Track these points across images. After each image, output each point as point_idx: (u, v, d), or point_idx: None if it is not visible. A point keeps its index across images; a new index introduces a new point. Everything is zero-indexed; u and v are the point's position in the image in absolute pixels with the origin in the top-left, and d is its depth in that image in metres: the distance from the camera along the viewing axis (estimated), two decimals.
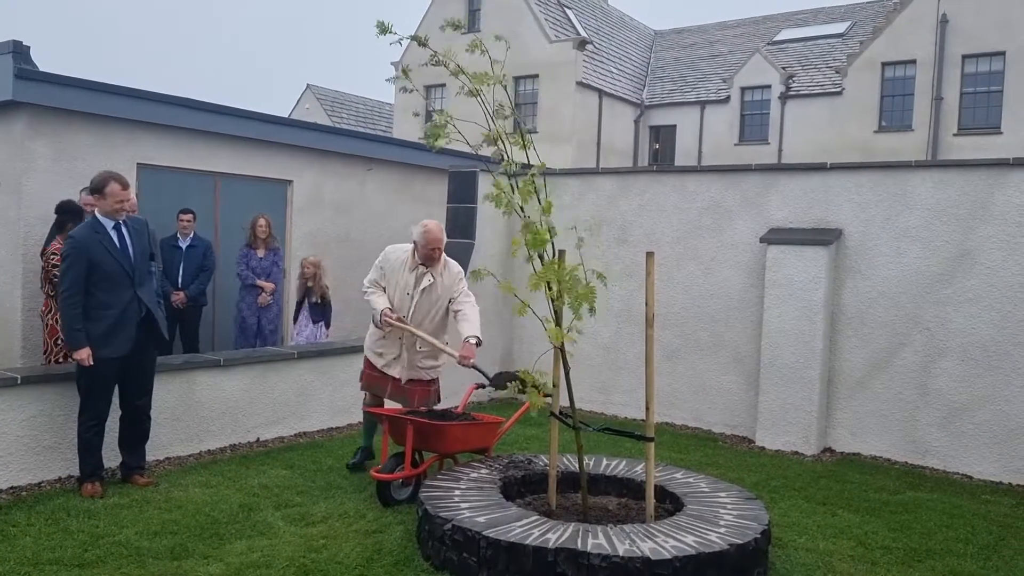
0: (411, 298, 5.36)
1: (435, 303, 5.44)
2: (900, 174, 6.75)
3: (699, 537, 3.92)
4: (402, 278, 5.39)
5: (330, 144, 9.98)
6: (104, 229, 5.07)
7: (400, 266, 5.42)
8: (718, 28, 31.33)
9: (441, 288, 5.43)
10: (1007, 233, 6.28)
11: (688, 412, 7.79)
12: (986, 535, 4.98)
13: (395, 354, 5.47)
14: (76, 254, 4.95)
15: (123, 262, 5.07)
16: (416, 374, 5.53)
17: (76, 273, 4.93)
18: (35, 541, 4.28)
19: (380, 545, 4.38)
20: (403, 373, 5.48)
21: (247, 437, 6.44)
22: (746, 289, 7.41)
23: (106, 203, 5.07)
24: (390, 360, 5.48)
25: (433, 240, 5.32)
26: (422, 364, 5.51)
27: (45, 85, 7.16)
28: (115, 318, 5.03)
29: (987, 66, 21.68)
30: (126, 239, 5.13)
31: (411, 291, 5.37)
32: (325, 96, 34.12)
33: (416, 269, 5.39)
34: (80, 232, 5.10)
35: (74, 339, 4.93)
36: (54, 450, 5.26)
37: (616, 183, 8.24)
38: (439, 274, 5.42)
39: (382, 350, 5.52)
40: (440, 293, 5.43)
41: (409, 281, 5.38)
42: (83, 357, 4.92)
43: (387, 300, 5.42)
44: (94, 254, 4.97)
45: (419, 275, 5.39)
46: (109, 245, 5.04)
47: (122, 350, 5.06)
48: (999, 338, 6.29)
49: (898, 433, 6.71)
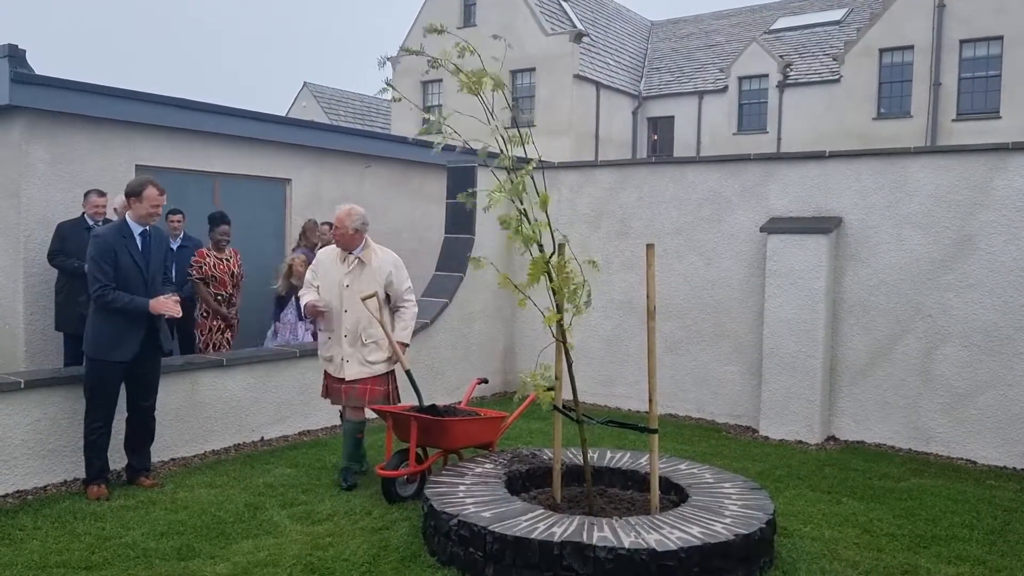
0: (342, 287, 5.32)
1: (370, 288, 5.31)
2: (899, 161, 6.74)
3: (704, 528, 3.92)
4: (334, 271, 5.38)
5: (328, 142, 9.98)
6: (131, 233, 5.15)
7: (331, 262, 5.42)
8: (714, 18, 31.25)
9: (375, 272, 5.34)
10: (1007, 218, 6.27)
11: (691, 403, 7.80)
12: (991, 520, 4.98)
13: (340, 353, 5.34)
14: (103, 252, 5.01)
15: (142, 268, 5.13)
16: (366, 371, 5.34)
17: (107, 267, 5.00)
18: (42, 544, 4.29)
19: (386, 542, 4.39)
20: (353, 372, 5.32)
21: (251, 436, 6.46)
22: (747, 279, 7.41)
23: (142, 207, 5.13)
24: (338, 362, 5.34)
25: (336, 223, 5.30)
26: (370, 359, 5.35)
27: (42, 89, 7.15)
28: (124, 322, 5.07)
29: (985, 51, 21.63)
30: (149, 247, 5.21)
31: (343, 280, 5.34)
32: (322, 94, 34.08)
33: (345, 260, 5.36)
34: (107, 231, 5.19)
35: (139, 304, 5.03)
36: (59, 453, 5.27)
37: (615, 176, 8.23)
38: (367, 259, 5.36)
39: (329, 353, 5.41)
40: (373, 279, 5.33)
41: (341, 272, 5.35)
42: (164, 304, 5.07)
43: (316, 294, 5.42)
44: (118, 255, 5.04)
45: (348, 262, 5.36)
46: (132, 249, 5.12)
47: (127, 355, 5.09)
48: (1001, 323, 6.28)
49: (901, 420, 6.71)
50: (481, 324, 8.53)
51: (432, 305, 8.11)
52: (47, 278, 7.17)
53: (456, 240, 8.53)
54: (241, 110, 8.98)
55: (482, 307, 8.54)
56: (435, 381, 7.86)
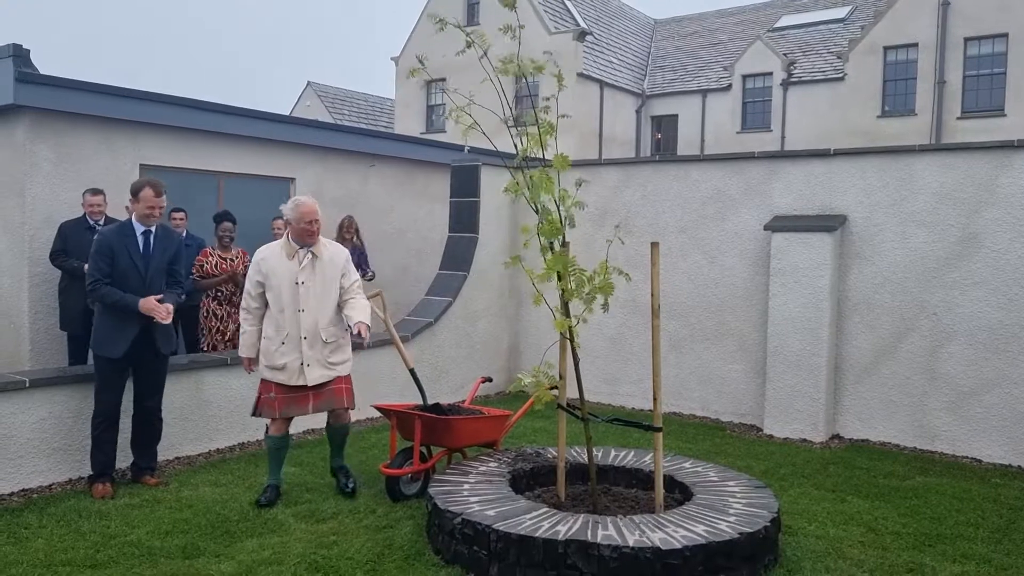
0: (299, 286, 4.92)
1: (327, 283, 5.00)
2: (904, 159, 6.72)
3: (709, 526, 3.92)
4: (283, 270, 4.94)
5: (332, 141, 9.98)
6: (133, 233, 5.17)
7: (278, 260, 4.97)
8: (718, 16, 31.22)
9: (329, 265, 5.02)
10: (1013, 216, 6.25)
11: (695, 401, 7.79)
12: (996, 519, 4.97)
13: (298, 358, 4.93)
14: (100, 249, 5.07)
15: (140, 268, 5.13)
16: (330, 373, 5.02)
17: (102, 264, 5.04)
18: (47, 543, 4.30)
19: (390, 540, 4.39)
20: (316, 376, 4.96)
21: (256, 435, 6.46)
22: (751, 277, 7.40)
23: (139, 207, 5.17)
24: (295, 368, 4.92)
25: (309, 212, 4.91)
26: (331, 359, 5.03)
27: (46, 88, 7.16)
28: (117, 319, 5.08)
29: (989, 48, 21.56)
30: (151, 247, 5.22)
31: (297, 278, 4.93)
32: (326, 93, 34.10)
33: (296, 254, 4.97)
34: (109, 230, 5.24)
35: (129, 301, 5.01)
36: (64, 452, 5.29)
37: (619, 174, 8.22)
38: (321, 251, 5.03)
39: (284, 361, 4.92)
40: (328, 272, 5.01)
41: (292, 268, 4.94)
42: (151, 306, 5.02)
43: (254, 339, 5.04)
44: (116, 253, 5.07)
45: (300, 257, 4.96)
46: (132, 249, 5.13)
47: (119, 352, 5.08)
48: (1006, 321, 6.27)
49: (906, 418, 6.70)
50: (485, 323, 8.52)
51: (436, 304, 8.11)
52: (51, 277, 7.19)
53: (460, 239, 8.53)
54: (245, 109, 8.99)
55: (486, 306, 8.54)
56: (439, 380, 7.87)
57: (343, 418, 5.16)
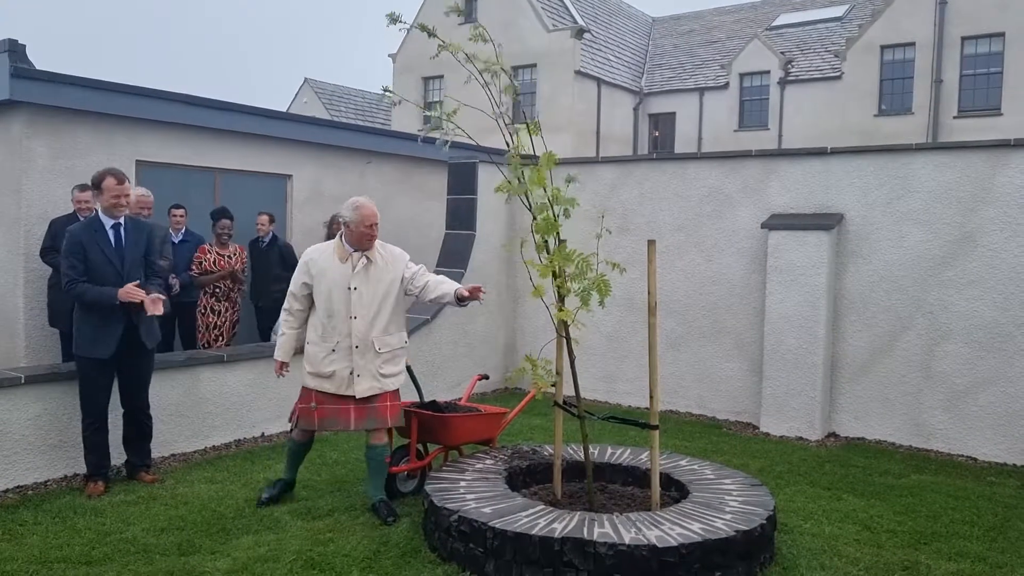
0: (352, 292, 4.63)
1: (382, 291, 4.71)
2: (901, 157, 6.73)
3: (705, 524, 3.92)
4: (335, 273, 4.65)
5: (329, 138, 9.97)
6: (102, 227, 5.06)
7: (328, 262, 4.69)
8: (715, 14, 31.21)
9: (384, 271, 4.73)
10: (1008, 215, 6.26)
11: (692, 399, 7.80)
12: (991, 517, 4.98)
13: (348, 367, 4.65)
14: (71, 246, 4.96)
15: (115, 262, 5.02)
16: (378, 385, 4.71)
17: (75, 262, 4.94)
18: (42, 540, 4.29)
19: (387, 537, 4.39)
20: (365, 387, 4.68)
21: (251, 432, 6.46)
22: (748, 275, 7.41)
23: (103, 198, 5.05)
24: (344, 377, 4.65)
25: (370, 215, 4.63)
26: (384, 371, 4.74)
27: (42, 84, 7.14)
28: (101, 318, 4.98)
29: (986, 47, 21.59)
30: (122, 240, 5.09)
31: (350, 283, 4.64)
32: (323, 90, 34.05)
33: (349, 258, 4.68)
34: (77, 226, 5.13)
35: (107, 294, 4.91)
36: (59, 449, 5.27)
37: (616, 172, 8.22)
38: (376, 255, 4.74)
39: (331, 369, 4.65)
40: (384, 277, 4.72)
41: (346, 274, 4.65)
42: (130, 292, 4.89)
43: (292, 343, 4.84)
44: (88, 250, 4.97)
45: (354, 261, 4.67)
46: (104, 244, 5.02)
47: (108, 351, 5.00)
48: (1002, 320, 6.28)
49: (902, 417, 6.71)
50: (482, 320, 8.52)
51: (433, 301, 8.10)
52: (46, 274, 7.17)
53: (457, 236, 8.53)
54: (242, 106, 8.98)
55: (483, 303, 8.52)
56: (436, 377, 7.86)
57: (380, 438, 4.78)
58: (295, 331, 4.85)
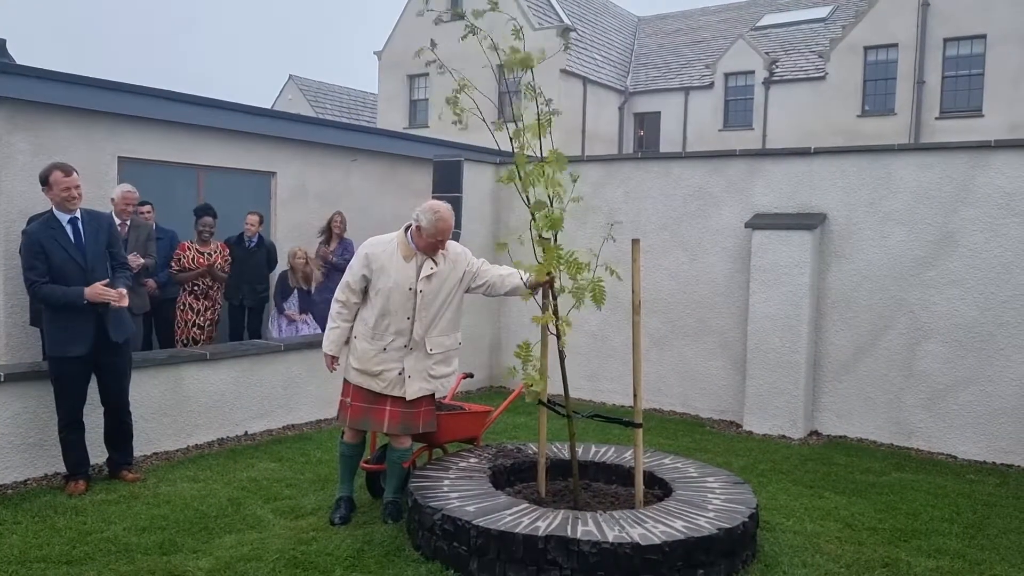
0: (415, 294, 4.43)
1: (445, 295, 4.54)
2: (883, 158, 6.78)
3: (688, 522, 3.94)
4: (398, 273, 4.43)
5: (314, 135, 9.91)
6: (59, 224, 4.94)
7: (390, 260, 4.45)
8: (701, 14, 31.33)
9: (450, 273, 4.54)
10: (989, 215, 6.32)
11: (676, 398, 7.83)
12: (971, 514, 5.04)
13: (398, 367, 4.48)
14: (30, 247, 4.85)
15: (77, 259, 4.92)
16: (428, 387, 4.56)
17: (36, 263, 4.83)
18: (22, 539, 4.25)
19: (370, 536, 4.38)
20: (415, 389, 4.51)
21: (235, 431, 6.42)
22: (732, 275, 7.44)
23: (53, 194, 4.93)
24: (393, 377, 4.48)
25: (446, 229, 4.41)
26: (435, 372, 4.58)
27: (23, 79, 7.05)
28: (70, 317, 4.89)
29: (968, 49, 21.80)
30: (81, 235, 4.98)
31: (413, 285, 4.43)
32: (308, 87, 33.88)
33: (414, 257, 4.47)
34: (34, 227, 5.01)
35: (73, 294, 4.81)
36: (39, 447, 5.22)
37: (601, 170, 8.23)
38: (440, 256, 4.53)
39: (381, 368, 4.47)
40: (450, 278, 4.54)
41: (409, 274, 4.43)
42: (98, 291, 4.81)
43: (344, 336, 4.61)
44: (48, 250, 4.85)
45: (419, 264, 4.46)
46: (63, 241, 4.90)
47: (82, 349, 4.93)
48: (982, 320, 6.34)
49: (883, 415, 6.77)
50: (467, 319, 8.45)
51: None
52: None
53: None
54: (226, 102, 8.91)
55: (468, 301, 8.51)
56: None
57: (404, 442, 4.66)
58: (349, 324, 4.62)
